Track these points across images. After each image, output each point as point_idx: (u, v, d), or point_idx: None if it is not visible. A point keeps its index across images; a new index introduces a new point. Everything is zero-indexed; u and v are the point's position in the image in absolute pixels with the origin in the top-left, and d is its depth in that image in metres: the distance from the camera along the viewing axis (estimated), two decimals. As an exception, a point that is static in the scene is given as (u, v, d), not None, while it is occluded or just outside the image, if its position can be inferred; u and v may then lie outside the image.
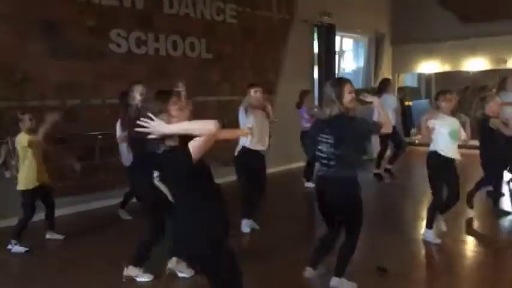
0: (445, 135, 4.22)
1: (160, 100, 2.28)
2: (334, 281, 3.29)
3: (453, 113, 4.32)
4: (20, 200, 4.33)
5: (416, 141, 10.23)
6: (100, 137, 5.48)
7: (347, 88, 3.10)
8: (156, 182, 3.29)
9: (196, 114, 6.10)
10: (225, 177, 5.05)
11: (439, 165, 4.31)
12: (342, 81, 3.17)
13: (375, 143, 8.60)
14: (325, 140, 3.11)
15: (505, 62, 10.11)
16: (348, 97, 3.08)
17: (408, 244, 4.47)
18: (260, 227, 4.84)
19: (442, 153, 4.27)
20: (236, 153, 4.66)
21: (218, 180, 2.44)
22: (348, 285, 3.29)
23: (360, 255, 3.64)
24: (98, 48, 5.59)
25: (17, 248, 4.26)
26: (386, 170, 7.50)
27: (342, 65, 10.59)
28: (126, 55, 5.87)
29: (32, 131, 4.28)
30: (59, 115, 4.43)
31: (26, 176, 4.28)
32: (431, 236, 4.37)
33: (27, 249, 4.28)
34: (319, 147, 3.15)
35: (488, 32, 9.73)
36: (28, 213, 4.33)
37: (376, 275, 3.62)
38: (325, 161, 3.13)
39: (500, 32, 9.60)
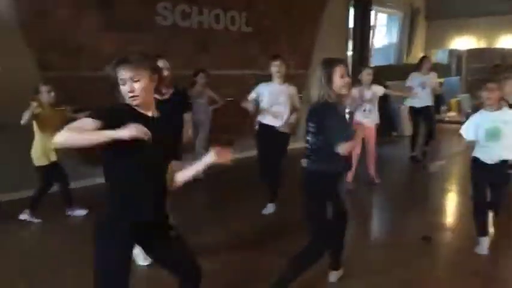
0: (482, 135, 3.50)
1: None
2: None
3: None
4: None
5: (446, 119, 10.29)
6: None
7: (338, 71, 2.65)
8: None
9: (236, 87, 6.36)
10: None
11: (474, 169, 3.65)
12: (332, 63, 2.69)
13: (406, 121, 8.69)
14: (310, 129, 2.75)
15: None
16: (339, 82, 2.65)
17: (437, 215, 4.69)
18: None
19: (478, 155, 3.58)
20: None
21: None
22: None
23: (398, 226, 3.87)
24: (145, 21, 5.76)
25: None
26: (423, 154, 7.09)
27: (372, 40, 10.57)
28: (171, 28, 6.04)
29: (51, 105, 4.20)
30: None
31: (34, 151, 4.22)
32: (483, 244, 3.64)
33: (86, 211, 4.49)
34: (307, 138, 2.80)
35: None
36: (41, 188, 4.34)
37: (419, 244, 3.80)
38: (308, 152, 2.78)
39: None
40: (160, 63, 3.18)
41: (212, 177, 5.72)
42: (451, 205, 5.26)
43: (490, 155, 3.49)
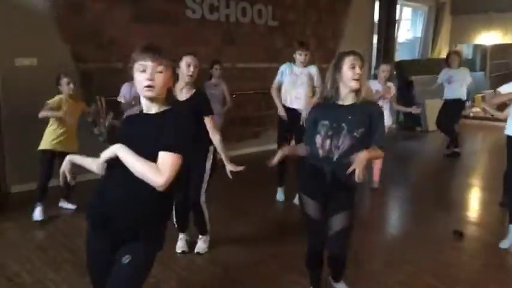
0: None
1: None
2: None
3: None
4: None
5: (471, 115, 10.19)
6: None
7: (348, 61, 2.37)
8: None
9: (262, 81, 6.42)
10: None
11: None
12: (344, 53, 2.44)
13: (430, 116, 8.64)
14: None
15: None
16: (348, 74, 2.36)
17: (463, 209, 4.72)
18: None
19: None
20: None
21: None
22: None
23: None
24: (174, 14, 5.86)
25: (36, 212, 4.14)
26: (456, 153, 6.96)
27: (397, 34, 10.49)
28: (199, 21, 6.13)
29: (71, 96, 4.23)
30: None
31: (44, 137, 4.21)
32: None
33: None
34: None
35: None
36: (41, 174, 4.18)
37: (447, 237, 3.84)
38: None
39: None
40: (188, 59, 3.14)
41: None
42: (476, 200, 5.26)
43: None
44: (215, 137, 3.21)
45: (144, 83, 1.78)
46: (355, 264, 3.16)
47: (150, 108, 1.86)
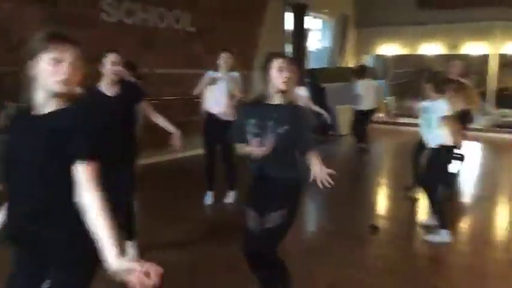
0: None
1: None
2: None
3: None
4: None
5: (376, 119, 10.92)
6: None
7: (276, 64, 2.42)
8: None
9: (180, 86, 6.40)
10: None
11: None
12: (270, 55, 2.49)
13: (342, 120, 9.17)
14: None
15: (457, 47, 10.95)
16: (276, 76, 2.42)
17: (375, 205, 5.13)
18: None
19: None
20: None
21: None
22: None
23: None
24: (90, 17, 5.68)
25: None
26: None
27: (307, 44, 11.01)
28: (116, 24, 5.99)
29: None
30: None
31: None
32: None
33: None
34: None
35: (444, 19, 10.50)
36: None
37: (362, 232, 4.10)
38: None
39: (455, 19, 10.40)
40: (113, 57, 3.11)
41: (162, 176, 5.75)
42: (385, 196, 5.70)
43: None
44: (158, 119, 3.31)
45: (59, 76, 1.51)
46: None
47: (46, 106, 1.57)
